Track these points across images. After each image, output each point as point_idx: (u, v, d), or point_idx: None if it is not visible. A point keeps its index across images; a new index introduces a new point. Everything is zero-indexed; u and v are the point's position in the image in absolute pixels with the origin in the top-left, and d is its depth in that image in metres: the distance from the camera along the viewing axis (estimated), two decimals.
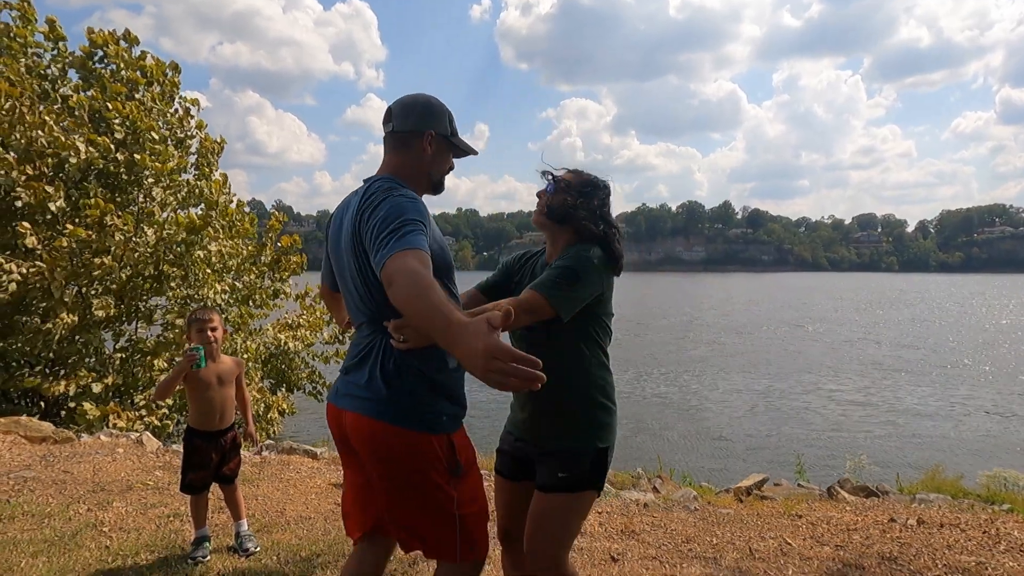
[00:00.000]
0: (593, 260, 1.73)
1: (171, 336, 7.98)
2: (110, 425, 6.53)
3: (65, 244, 5.58)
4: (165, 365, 8.09)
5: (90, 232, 5.85)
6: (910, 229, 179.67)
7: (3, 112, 5.85)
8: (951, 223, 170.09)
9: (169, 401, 8.12)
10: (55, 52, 7.71)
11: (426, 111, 1.65)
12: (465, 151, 1.75)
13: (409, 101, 1.67)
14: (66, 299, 5.83)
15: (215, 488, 2.91)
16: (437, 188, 1.72)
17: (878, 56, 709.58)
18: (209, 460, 2.75)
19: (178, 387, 2.82)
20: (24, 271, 5.46)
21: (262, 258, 8.77)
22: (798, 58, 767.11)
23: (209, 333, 2.70)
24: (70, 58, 7.80)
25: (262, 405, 8.41)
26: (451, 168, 1.74)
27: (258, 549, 2.83)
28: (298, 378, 9.59)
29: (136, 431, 5.93)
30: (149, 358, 7.77)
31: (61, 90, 7.56)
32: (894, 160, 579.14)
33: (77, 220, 6.35)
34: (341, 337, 9.74)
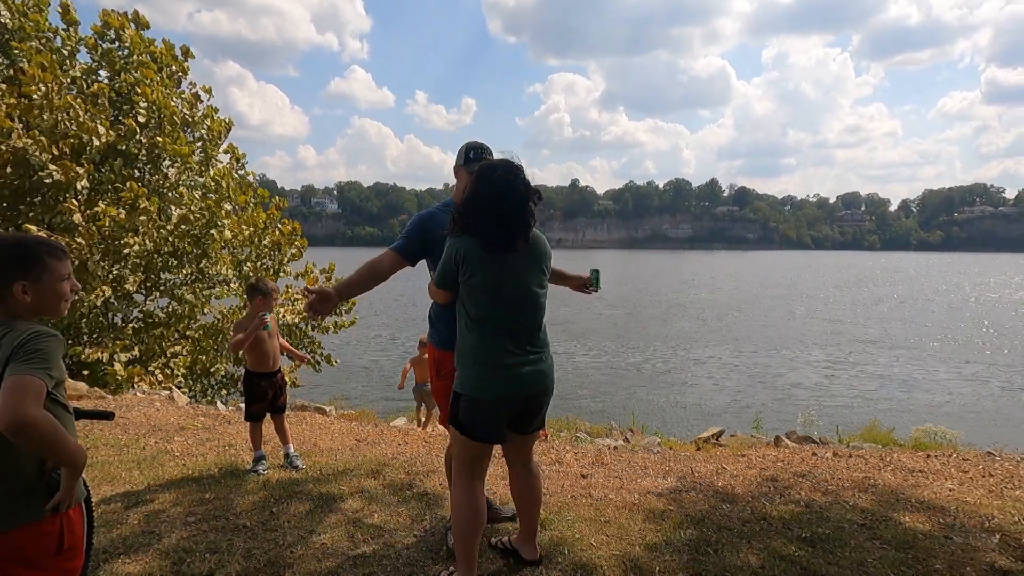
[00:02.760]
0: (451, 248, 2.12)
1: (183, 310, 8.63)
2: (135, 386, 7.19)
3: (107, 224, 6.16)
4: (175, 336, 8.79)
5: (121, 212, 6.42)
6: (893, 208, 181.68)
7: (36, 97, 6.34)
8: (933, 202, 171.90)
9: (183, 369, 8.86)
10: (67, 33, 8.13)
11: (457, 155, 2.50)
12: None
13: None
14: (100, 273, 6.44)
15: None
16: None
17: (867, 34, 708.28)
18: (266, 395, 3.50)
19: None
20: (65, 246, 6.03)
21: (263, 240, 9.35)
22: (788, 35, 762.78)
23: (272, 302, 3.43)
24: (82, 41, 8.23)
25: None
26: None
27: (304, 466, 3.57)
28: (297, 348, 10.25)
29: (167, 389, 6.59)
30: (160, 329, 8.44)
31: (71, 72, 8.00)
32: (880, 139, 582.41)
33: (103, 201, 6.90)
34: (337, 311, 10.48)
